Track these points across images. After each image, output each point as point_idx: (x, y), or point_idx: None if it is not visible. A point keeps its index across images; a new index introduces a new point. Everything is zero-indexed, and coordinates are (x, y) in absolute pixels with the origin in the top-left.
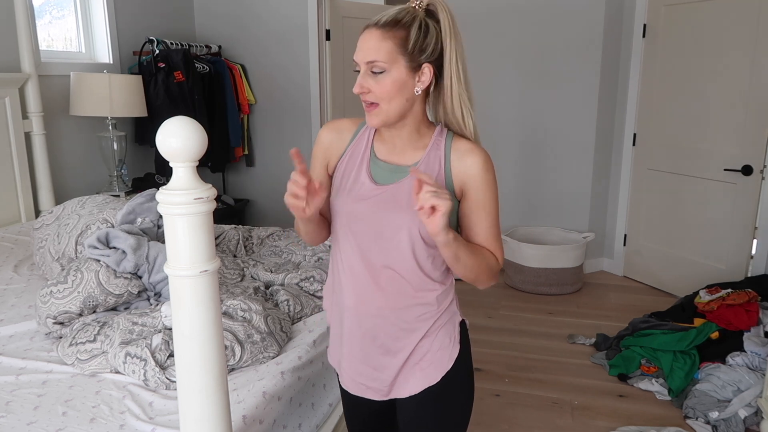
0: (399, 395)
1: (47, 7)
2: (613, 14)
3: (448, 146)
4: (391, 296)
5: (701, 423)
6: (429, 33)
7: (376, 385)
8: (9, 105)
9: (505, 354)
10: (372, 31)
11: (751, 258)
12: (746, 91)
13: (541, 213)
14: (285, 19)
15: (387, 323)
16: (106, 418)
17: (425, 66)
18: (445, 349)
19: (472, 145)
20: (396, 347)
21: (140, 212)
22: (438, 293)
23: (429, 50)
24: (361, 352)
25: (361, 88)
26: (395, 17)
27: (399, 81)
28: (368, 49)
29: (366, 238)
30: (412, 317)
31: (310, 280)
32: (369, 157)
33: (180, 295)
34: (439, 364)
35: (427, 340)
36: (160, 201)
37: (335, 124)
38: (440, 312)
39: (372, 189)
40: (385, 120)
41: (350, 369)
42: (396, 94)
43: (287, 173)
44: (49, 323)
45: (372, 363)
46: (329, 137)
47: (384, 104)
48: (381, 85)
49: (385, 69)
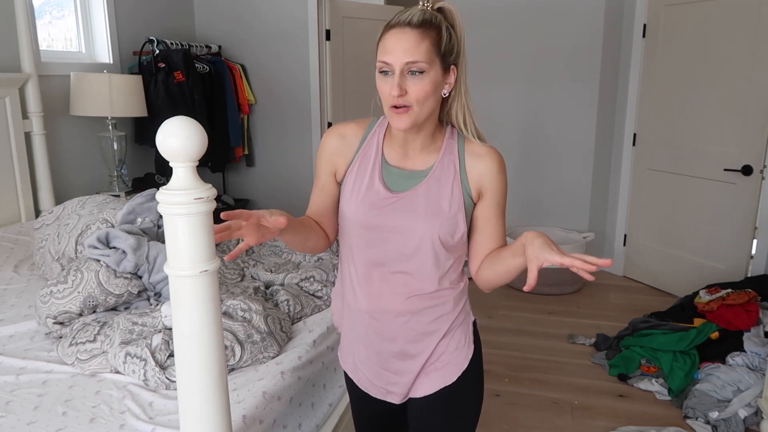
0: (414, 395)
1: (47, 7)
2: (613, 14)
3: (461, 149)
4: (408, 301)
5: (701, 423)
6: (452, 34)
7: (396, 390)
8: (9, 105)
9: (505, 354)
10: (406, 31)
11: (751, 258)
12: (746, 91)
13: (541, 213)
14: (285, 19)
15: (406, 328)
16: (106, 418)
17: (452, 68)
18: (461, 349)
19: (487, 147)
20: (415, 351)
21: (140, 212)
22: (455, 295)
23: (455, 51)
24: (379, 357)
25: (400, 90)
26: (425, 17)
27: (436, 82)
28: (406, 50)
29: (382, 245)
30: (430, 320)
31: (310, 280)
32: (381, 164)
33: (180, 295)
34: (455, 364)
35: (444, 341)
36: (160, 201)
37: (340, 129)
38: (456, 313)
39: (387, 197)
40: (415, 122)
41: (370, 373)
42: (431, 95)
43: (287, 173)
44: (49, 323)
45: (392, 368)
46: (335, 144)
47: (417, 106)
48: (420, 87)
49: (425, 70)
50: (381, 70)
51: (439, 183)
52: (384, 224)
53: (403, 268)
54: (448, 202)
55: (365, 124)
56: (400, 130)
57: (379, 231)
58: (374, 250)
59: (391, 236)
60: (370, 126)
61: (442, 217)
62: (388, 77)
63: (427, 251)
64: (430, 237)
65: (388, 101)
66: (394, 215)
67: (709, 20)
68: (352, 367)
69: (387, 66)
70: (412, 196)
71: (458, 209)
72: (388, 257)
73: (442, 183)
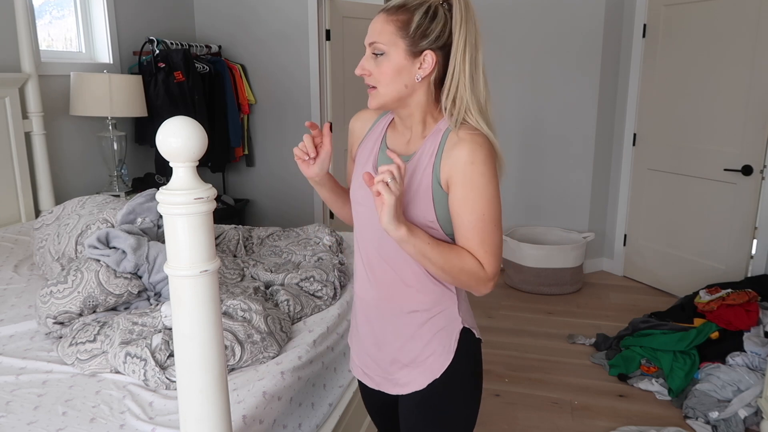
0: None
1: (47, 7)
2: (613, 14)
3: (445, 136)
4: (383, 290)
5: (701, 423)
6: (436, 19)
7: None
8: (9, 105)
9: (505, 354)
10: (380, 15)
11: (751, 258)
12: (746, 90)
13: (541, 213)
14: (285, 19)
15: (380, 315)
16: (106, 418)
17: (427, 53)
18: (437, 356)
19: (468, 134)
20: (385, 341)
21: (140, 212)
22: (434, 294)
23: (432, 36)
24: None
25: (362, 70)
26: (404, 1)
27: (397, 65)
28: (372, 32)
29: (369, 226)
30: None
31: (310, 280)
32: (379, 147)
33: (180, 295)
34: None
35: (417, 341)
36: (160, 201)
37: (362, 113)
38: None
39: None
40: (382, 104)
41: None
42: (393, 78)
43: (287, 173)
44: (49, 323)
45: (370, 353)
46: (355, 126)
47: (381, 87)
48: (379, 68)
49: (384, 51)
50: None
51: (416, 166)
52: (368, 204)
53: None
54: (417, 185)
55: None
56: (371, 108)
57: (364, 210)
58: (362, 231)
59: (373, 217)
60: (383, 113)
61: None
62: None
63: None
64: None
65: None
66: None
67: (709, 20)
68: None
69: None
70: None
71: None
72: (367, 236)
73: (418, 167)
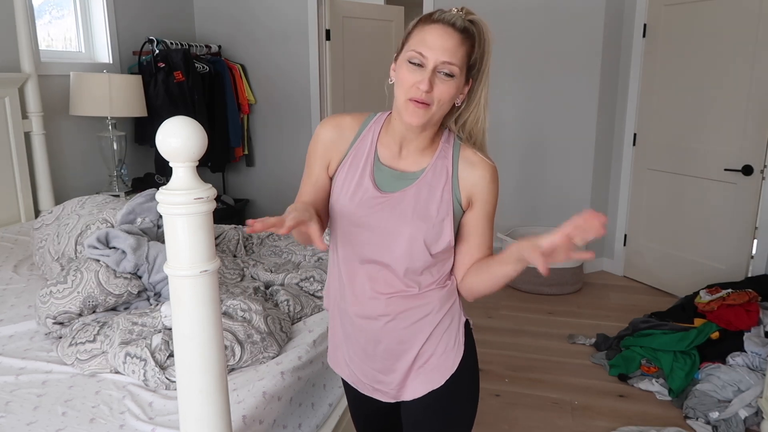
0: (405, 398)
1: (47, 7)
2: (613, 14)
3: (456, 155)
4: (392, 301)
5: (701, 423)
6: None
7: (383, 388)
8: (9, 105)
9: (505, 354)
10: (450, 31)
11: (751, 258)
12: (746, 91)
13: (541, 213)
14: (285, 19)
15: (389, 327)
16: (106, 418)
17: (470, 80)
18: (449, 352)
19: (481, 156)
20: (399, 350)
21: (140, 212)
22: (440, 295)
23: (476, 66)
24: (365, 355)
25: (430, 86)
26: (465, 25)
27: (458, 89)
28: (446, 50)
29: (367, 244)
30: (414, 320)
31: (310, 280)
32: (373, 162)
33: (180, 295)
34: (443, 368)
35: (431, 342)
36: (160, 201)
37: (336, 120)
38: (443, 314)
39: (376, 196)
40: (428, 122)
41: (358, 371)
42: (450, 101)
43: (287, 173)
44: (48, 323)
45: (377, 366)
46: (330, 135)
47: (436, 106)
48: (446, 88)
49: (455, 74)
50: (412, 60)
51: (429, 187)
52: (371, 223)
53: (387, 268)
54: (436, 207)
55: (361, 119)
56: (411, 124)
57: (366, 229)
58: (359, 247)
59: (377, 235)
60: (366, 121)
61: (429, 222)
62: (418, 70)
63: (410, 253)
64: (415, 240)
65: (409, 93)
66: (381, 215)
67: (709, 20)
68: (341, 364)
69: (421, 58)
70: (401, 197)
71: (446, 215)
72: (372, 256)
73: (432, 187)
